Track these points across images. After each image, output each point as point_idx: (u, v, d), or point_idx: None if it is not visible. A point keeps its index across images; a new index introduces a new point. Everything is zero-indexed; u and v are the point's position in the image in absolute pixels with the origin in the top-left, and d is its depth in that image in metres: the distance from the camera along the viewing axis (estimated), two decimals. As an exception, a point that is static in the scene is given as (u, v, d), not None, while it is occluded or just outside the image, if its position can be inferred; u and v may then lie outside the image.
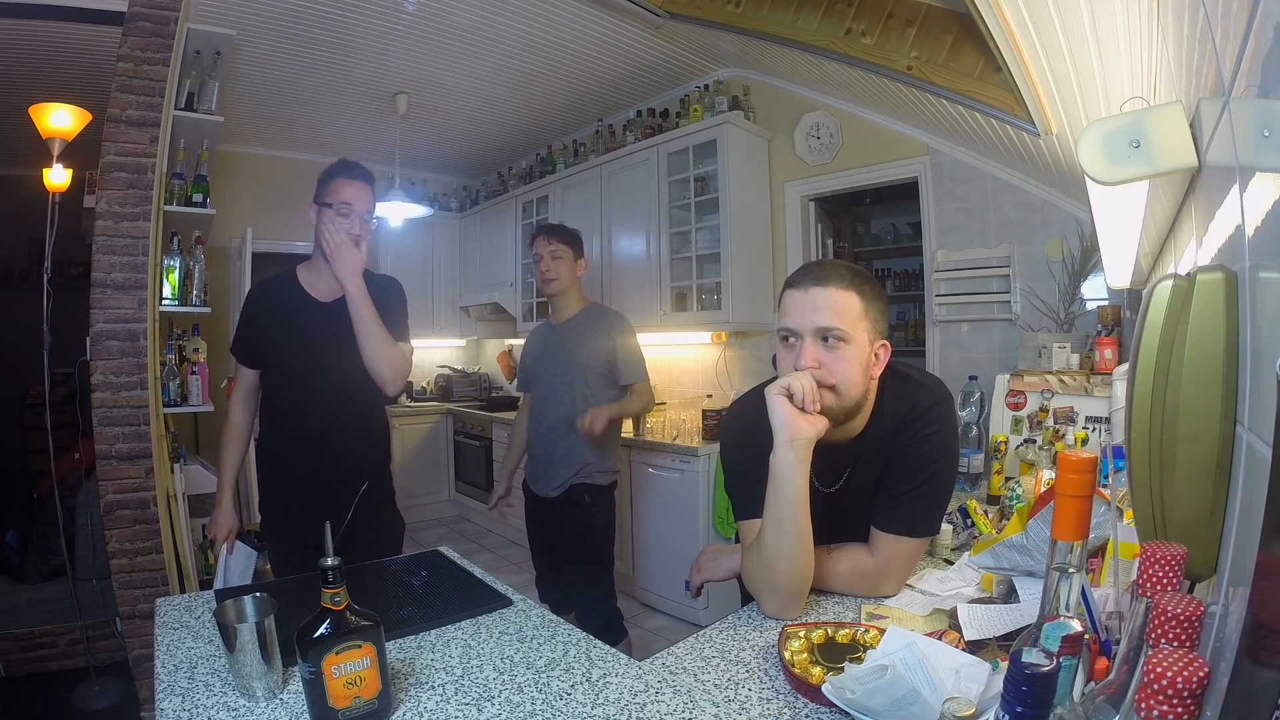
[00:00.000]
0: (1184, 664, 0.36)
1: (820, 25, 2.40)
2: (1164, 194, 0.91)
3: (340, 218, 1.67)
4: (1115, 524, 0.91)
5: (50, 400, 2.64)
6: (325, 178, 1.73)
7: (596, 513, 2.32)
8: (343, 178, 1.70)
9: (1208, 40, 0.58)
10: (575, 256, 2.38)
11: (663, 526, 3.30)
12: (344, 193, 1.69)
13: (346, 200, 1.68)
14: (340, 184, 1.69)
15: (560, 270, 2.33)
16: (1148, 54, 1.00)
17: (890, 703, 0.73)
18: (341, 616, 0.78)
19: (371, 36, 3.15)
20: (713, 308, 3.44)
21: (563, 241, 2.35)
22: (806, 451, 1.01)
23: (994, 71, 1.91)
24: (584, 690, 0.87)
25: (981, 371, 2.33)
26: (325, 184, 1.72)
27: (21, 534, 3.18)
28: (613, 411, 2.28)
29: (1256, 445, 0.46)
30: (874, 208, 4.49)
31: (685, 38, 3.28)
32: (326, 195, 1.70)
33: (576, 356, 2.31)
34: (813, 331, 1.05)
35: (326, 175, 1.73)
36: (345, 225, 1.67)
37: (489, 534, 4.69)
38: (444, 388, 5.34)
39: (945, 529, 1.36)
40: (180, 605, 1.18)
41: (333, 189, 1.69)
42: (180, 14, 2.43)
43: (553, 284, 2.35)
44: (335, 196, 1.68)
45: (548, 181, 4.42)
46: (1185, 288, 0.56)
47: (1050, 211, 2.53)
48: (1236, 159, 0.50)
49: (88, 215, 2.61)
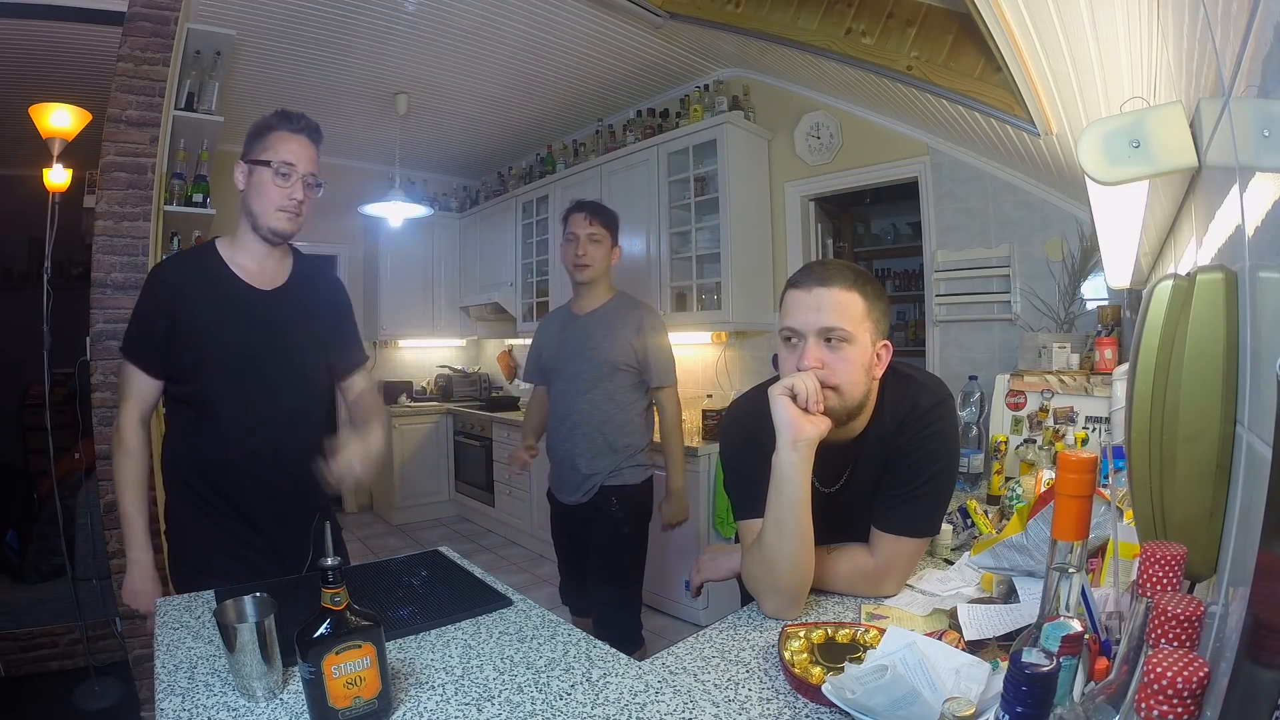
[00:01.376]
0: (1184, 664, 0.36)
1: (820, 25, 2.40)
2: (1164, 194, 0.91)
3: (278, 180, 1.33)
4: (1115, 524, 0.91)
5: (50, 400, 2.64)
6: (260, 129, 1.37)
7: (624, 519, 2.13)
8: (283, 129, 1.36)
9: (1208, 40, 0.58)
10: (613, 243, 2.16)
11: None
12: (284, 148, 1.34)
13: (287, 160, 1.34)
14: (279, 137, 1.35)
15: (596, 256, 2.10)
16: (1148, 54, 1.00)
17: (890, 703, 0.73)
18: (341, 616, 0.78)
19: (371, 36, 3.16)
20: (713, 308, 3.44)
21: (604, 225, 2.12)
22: (809, 452, 1.01)
23: (994, 71, 1.91)
24: (584, 690, 0.87)
25: (981, 371, 2.33)
26: (260, 138, 1.36)
27: (21, 534, 3.18)
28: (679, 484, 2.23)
29: (1256, 445, 0.46)
30: (874, 208, 4.49)
31: (685, 38, 3.28)
32: (261, 152, 1.35)
33: (605, 352, 2.10)
34: (816, 332, 1.05)
35: (262, 127, 1.37)
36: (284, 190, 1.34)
37: (489, 534, 4.69)
38: (444, 388, 5.34)
39: (945, 529, 1.36)
40: (180, 605, 1.18)
41: (269, 143, 1.35)
42: (180, 14, 2.43)
43: (585, 270, 2.10)
44: (273, 154, 1.34)
45: (548, 181, 4.42)
46: (1185, 288, 0.56)
47: (1050, 211, 2.53)
48: (1236, 159, 0.50)
49: (88, 215, 2.61)
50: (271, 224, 1.37)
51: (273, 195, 1.35)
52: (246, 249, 1.41)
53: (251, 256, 1.41)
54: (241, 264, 1.40)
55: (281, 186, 1.35)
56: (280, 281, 1.44)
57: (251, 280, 1.40)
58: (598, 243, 2.11)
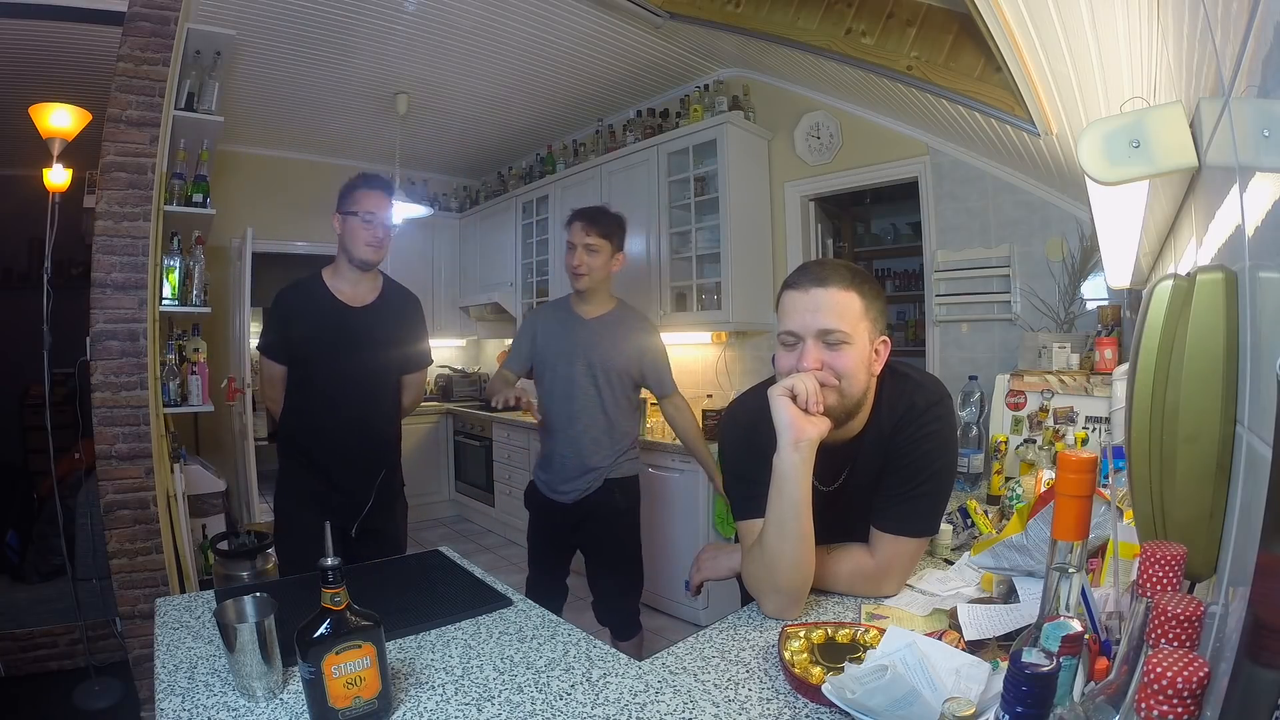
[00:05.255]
0: (1184, 664, 0.36)
1: (820, 25, 2.40)
2: (1164, 194, 0.91)
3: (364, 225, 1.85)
4: (1115, 524, 0.91)
5: (50, 400, 2.64)
6: (348, 189, 1.90)
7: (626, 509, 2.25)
8: (364, 189, 1.88)
9: (1208, 40, 0.58)
10: (613, 251, 2.17)
11: (663, 526, 3.30)
12: (366, 202, 1.86)
13: (370, 210, 1.86)
14: (362, 194, 1.87)
15: (593, 265, 2.13)
16: (1148, 54, 1.00)
17: (890, 703, 0.73)
18: (341, 616, 0.78)
19: (371, 36, 3.15)
20: (713, 308, 3.44)
21: (602, 235, 2.13)
22: (810, 453, 1.01)
23: (994, 71, 1.91)
24: (584, 690, 0.87)
25: (981, 371, 2.33)
26: (348, 195, 1.88)
27: (21, 534, 3.18)
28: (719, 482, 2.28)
29: (1256, 445, 0.46)
30: (874, 208, 4.49)
31: (685, 38, 3.28)
32: (351, 205, 1.87)
33: (612, 360, 2.15)
34: (815, 333, 1.05)
35: (350, 186, 1.91)
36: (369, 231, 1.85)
37: (489, 534, 4.69)
38: (444, 388, 5.34)
39: (945, 529, 1.36)
40: (180, 605, 1.18)
41: (356, 199, 1.86)
42: (180, 14, 2.42)
43: (582, 279, 2.15)
44: (359, 206, 1.85)
45: (548, 181, 4.42)
46: (1185, 288, 0.56)
47: (1050, 211, 2.53)
48: (1236, 159, 0.50)
49: (88, 215, 2.61)
50: (361, 256, 1.89)
51: (361, 235, 1.87)
52: (343, 276, 1.93)
53: (346, 281, 1.93)
54: (339, 288, 1.92)
55: (367, 229, 1.86)
56: (369, 300, 1.95)
57: (346, 300, 1.92)
58: (595, 252, 2.13)
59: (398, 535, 2.08)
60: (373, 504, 1.95)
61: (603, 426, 2.18)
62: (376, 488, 1.96)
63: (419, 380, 2.15)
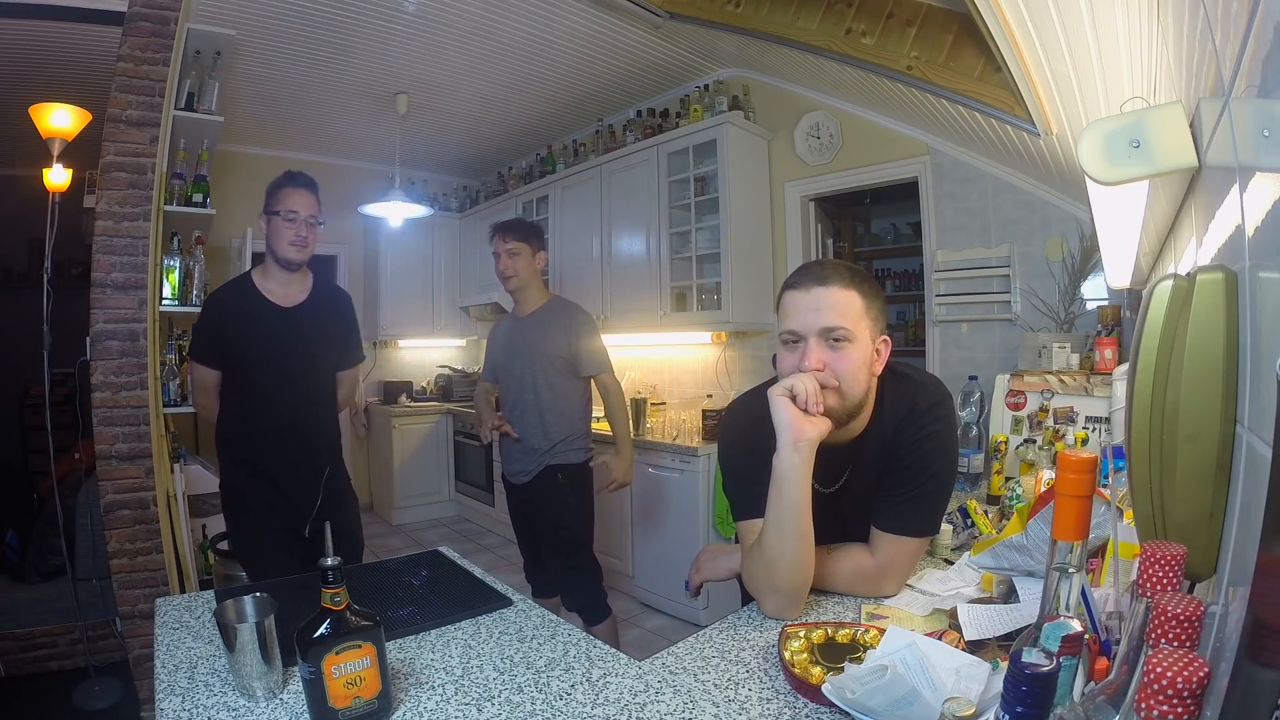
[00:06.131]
0: (1184, 664, 0.36)
1: (820, 25, 2.40)
2: (1164, 194, 0.91)
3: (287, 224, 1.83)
4: (1115, 524, 0.91)
5: (50, 400, 2.64)
6: (273, 187, 1.87)
7: (570, 493, 2.39)
8: (288, 187, 1.86)
9: (1208, 40, 0.58)
10: (533, 251, 2.40)
11: (662, 526, 3.30)
12: (290, 201, 1.84)
13: (293, 209, 1.84)
14: (286, 193, 1.85)
15: (518, 267, 2.37)
16: (1148, 54, 1.00)
17: (890, 703, 0.73)
18: (341, 616, 0.78)
19: (371, 36, 3.15)
20: (713, 308, 3.44)
21: (518, 238, 2.37)
22: (810, 453, 1.01)
23: (994, 71, 1.91)
24: (584, 690, 0.87)
25: (981, 371, 2.33)
26: (273, 193, 1.86)
27: (21, 534, 3.18)
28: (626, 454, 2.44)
29: (1256, 445, 0.46)
30: (874, 208, 4.49)
31: (685, 38, 3.28)
32: (274, 204, 1.85)
33: (541, 347, 2.37)
34: (817, 333, 1.04)
35: (274, 185, 1.88)
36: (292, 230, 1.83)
37: (489, 534, 4.69)
38: (444, 388, 5.34)
39: (945, 529, 1.36)
40: (180, 605, 1.18)
41: (279, 198, 1.85)
42: (180, 14, 2.43)
43: (510, 280, 2.39)
44: (282, 205, 1.84)
45: (548, 181, 4.42)
46: (1185, 288, 0.56)
47: (1050, 211, 2.53)
48: (1236, 159, 0.50)
49: (88, 215, 2.60)
50: (285, 255, 1.86)
51: (284, 235, 1.84)
52: (272, 276, 1.91)
53: (276, 282, 1.91)
54: (270, 289, 1.90)
55: (290, 227, 1.84)
56: (300, 300, 1.93)
57: (277, 300, 1.90)
58: (516, 255, 2.37)
59: (352, 528, 2.06)
60: (322, 501, 1.95)
61: (532, 404, 2.37)
62: (324, 485, 1.97)
63: (353, 376, 2.18)
